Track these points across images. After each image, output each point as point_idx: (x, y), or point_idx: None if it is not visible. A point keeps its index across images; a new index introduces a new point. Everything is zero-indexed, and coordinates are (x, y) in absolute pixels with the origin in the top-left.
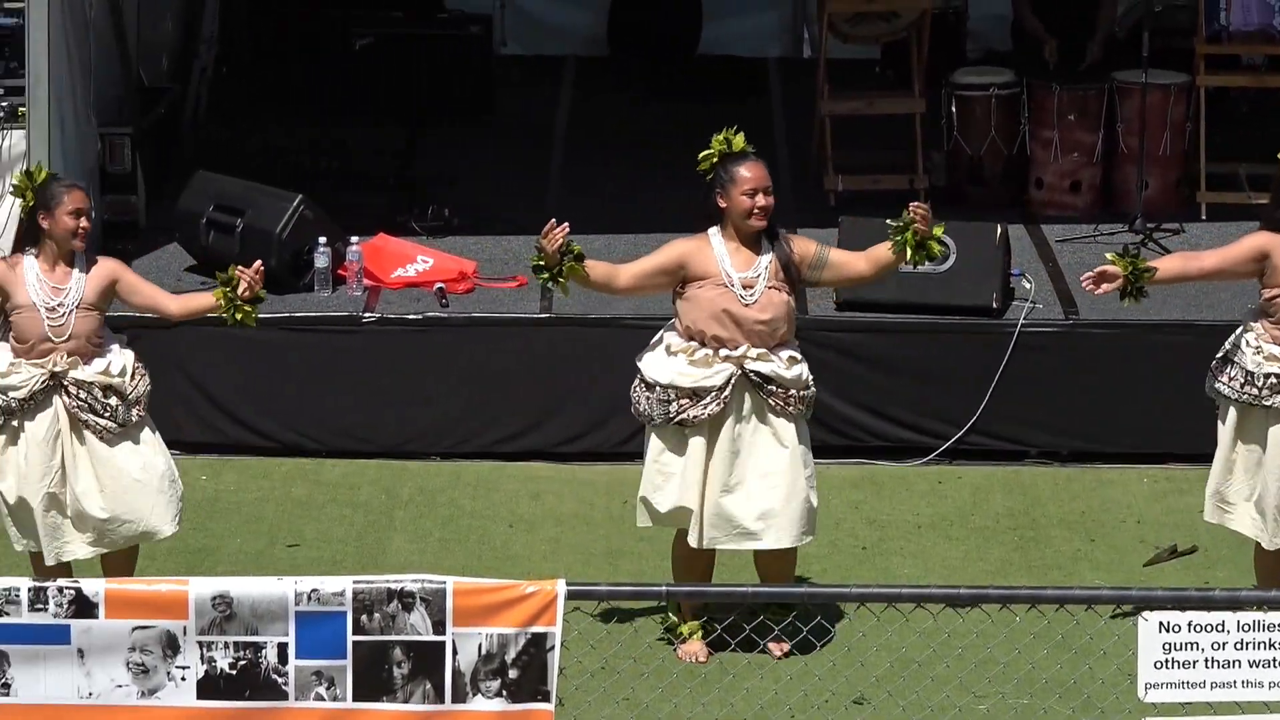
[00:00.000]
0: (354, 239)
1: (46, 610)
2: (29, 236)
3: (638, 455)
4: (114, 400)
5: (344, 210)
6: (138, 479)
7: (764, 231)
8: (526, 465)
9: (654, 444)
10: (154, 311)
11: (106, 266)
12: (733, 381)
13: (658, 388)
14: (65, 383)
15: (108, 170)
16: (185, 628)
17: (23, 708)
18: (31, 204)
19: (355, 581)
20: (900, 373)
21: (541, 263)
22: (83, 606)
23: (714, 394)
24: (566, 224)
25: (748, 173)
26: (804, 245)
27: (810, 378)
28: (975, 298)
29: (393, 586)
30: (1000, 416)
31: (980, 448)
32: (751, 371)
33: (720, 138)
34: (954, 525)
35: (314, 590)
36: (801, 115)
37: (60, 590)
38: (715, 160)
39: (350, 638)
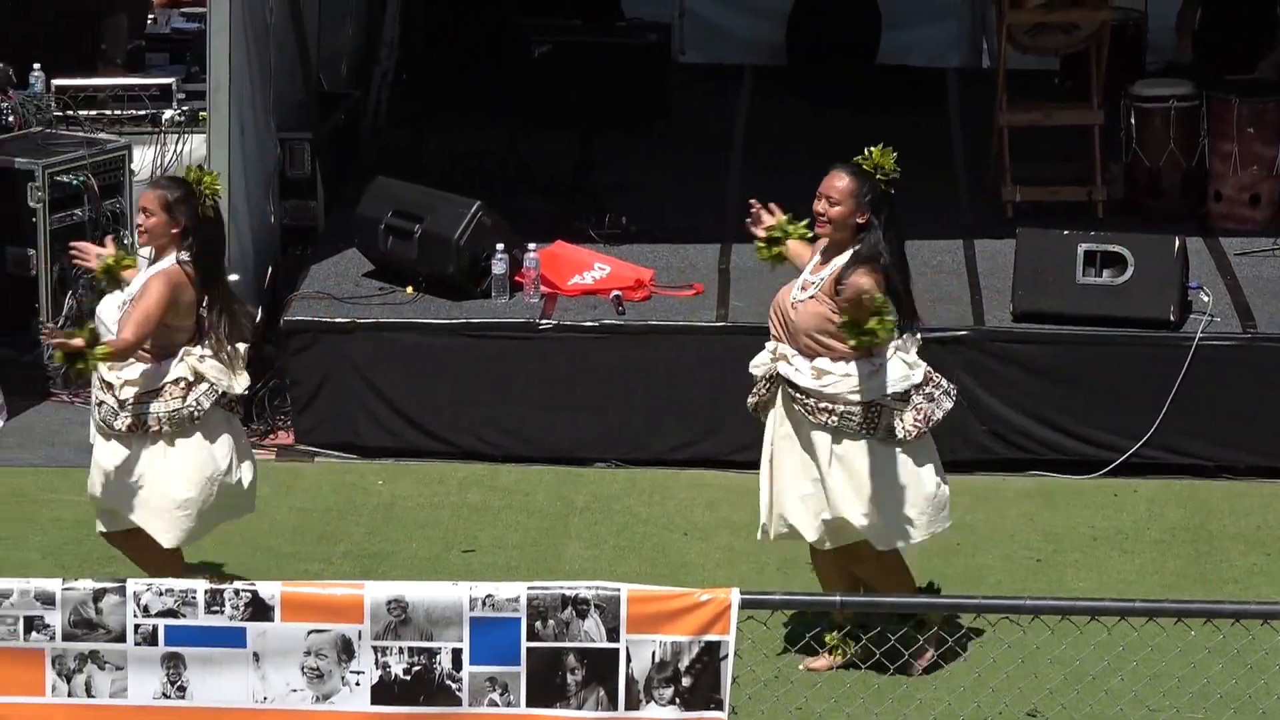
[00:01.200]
0: (531, 246)
1: (223, 612)
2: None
3: None
4: (110, 399)
5: (522, 217)
6: (122, 481)
7: (860, 251)
8: (701, 473)
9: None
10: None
11: (154, 269)
12: (770, 376)
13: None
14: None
15: (287, 175)
16: (360, 632)
17: (198, 711)
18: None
19: (530, 588)
20: (1077, 385)
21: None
22: (259, 609)
23: (757, 383)
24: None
25: (827, 178)
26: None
27: (855, 395)
28: (1153, 310)
29: (567, 593)
30: (1177, 430)
31: (1156, 461)
32: (781, 375)
33: (871, 154)
34: (1129, 538)
35: (488, 596)
36: (979, 126)
37: (237, 592)
38: None
39: (524, 644)
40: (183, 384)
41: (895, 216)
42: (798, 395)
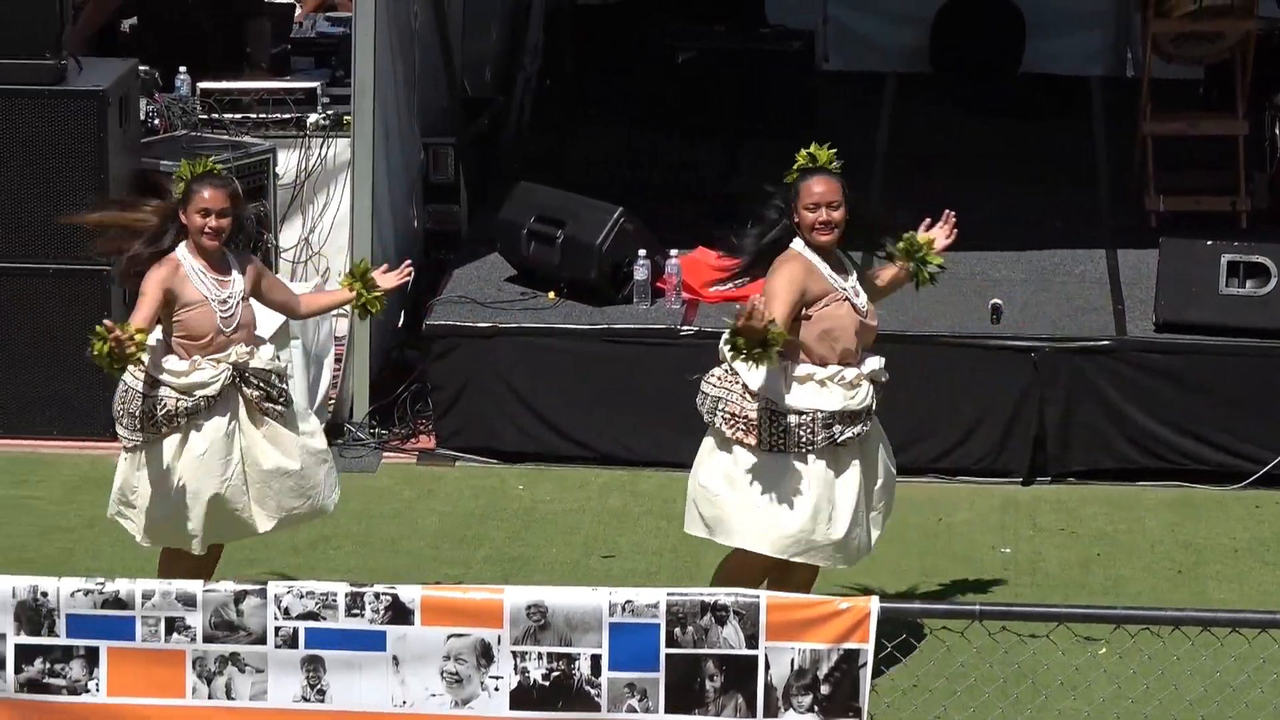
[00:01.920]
0: (673, 252)
1: (363, 616)
2: (181, 232)
3: (954, 471)
4: (280, 383)
5: (663, 223)
6: (316, 448)
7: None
8: None
9: (812, 472)
10: (285, 310)
11: (252, 263)
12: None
13: (817, 414)
14: (247, 374)
15: (431, 180)
16: (500, 636)
17: (337, 714)
18: (179, 198)
19: (669, 594)
20: (1219, 396)
21: (743, 344)
22: (399, 613)
23: (866, 414)
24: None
25: (816, 187)
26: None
27: None
28: None
29: (706, 599)
30: None
31: None
32: (876, 383)
33: (805, 152)
34: (1271, 550)
35: (628, 601)
36: (1123, 135)
37: (377, 596)
38: (795, 175)
39: (663, 650)
40: None
41: None
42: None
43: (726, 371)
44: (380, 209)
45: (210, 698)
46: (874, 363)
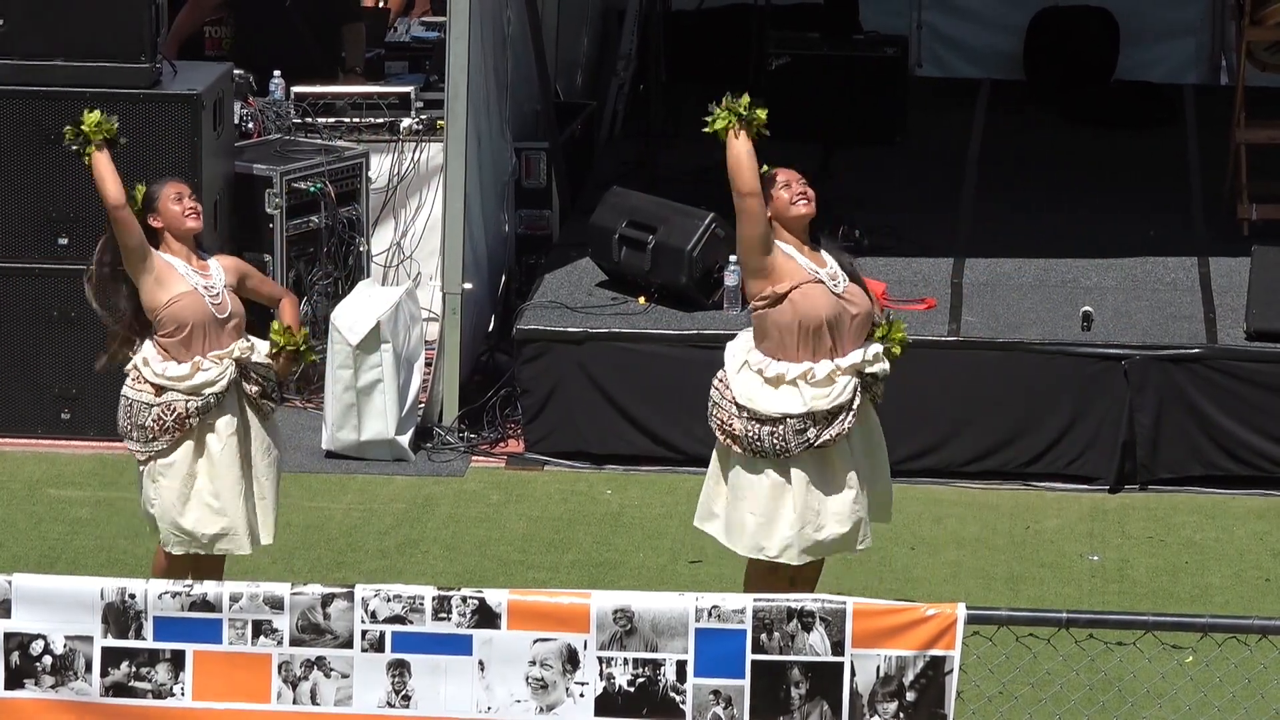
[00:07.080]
0: None
1: (450, 619)
2: (151, 240)
3: (1043, 477)
4: (273, 381)
5: None
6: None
7: (811, 235)
8: (930, 486)
9: (796, 478)
10: (274, 303)
11: (232, 260)
12: (851, 398)
13: (787, 420)
14: (248, 369)
15: (523, 184)
16: (586, 641)
17: None
18: (139, 209)
19: (756, 599)
20: None
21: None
22: (485, 616)
23: (845, 410)
24: None
25: (778, 173)
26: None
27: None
28: None
29: (793, 606)
30: None
31: None
32: (869, 375)
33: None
34: None
35: (714, 607)
36: (1216, 143)
37: (464, 599)
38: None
39: (749, 656)
40: None
41: None
42: (876, 385)
43: (721, 380)
44: (472, 213)
45: (295, 703)
46: (857, 355)
